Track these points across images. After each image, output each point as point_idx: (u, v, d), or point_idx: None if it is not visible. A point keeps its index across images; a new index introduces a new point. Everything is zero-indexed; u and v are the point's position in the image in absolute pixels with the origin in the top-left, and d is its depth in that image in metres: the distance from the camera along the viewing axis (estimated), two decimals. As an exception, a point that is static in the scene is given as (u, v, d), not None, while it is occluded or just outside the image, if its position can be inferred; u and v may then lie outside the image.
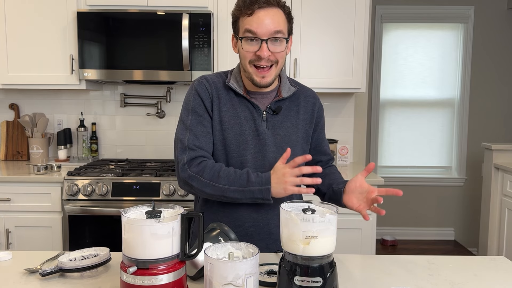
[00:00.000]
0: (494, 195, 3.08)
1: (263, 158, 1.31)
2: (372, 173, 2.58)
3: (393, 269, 1.17)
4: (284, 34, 1.24)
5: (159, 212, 0.92)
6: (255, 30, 1.21)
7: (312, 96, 1.42)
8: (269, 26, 1.20)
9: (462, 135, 4.06)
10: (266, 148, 1.31)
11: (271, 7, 1.21)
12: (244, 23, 1.23)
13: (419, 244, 4.07)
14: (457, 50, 4.02)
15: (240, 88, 1.33)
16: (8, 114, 2.96)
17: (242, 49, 1.26)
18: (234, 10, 1.27)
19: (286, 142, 1.33)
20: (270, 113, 1.33)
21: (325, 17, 2.58)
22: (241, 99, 1.33)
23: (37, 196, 2.34)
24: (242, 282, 0.82)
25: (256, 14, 1.21)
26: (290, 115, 1.36)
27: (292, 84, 1.39)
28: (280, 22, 1.23)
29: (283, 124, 1.34)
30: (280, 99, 1.34)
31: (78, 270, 1.08)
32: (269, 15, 1.21)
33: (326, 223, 0.86)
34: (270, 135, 1.32)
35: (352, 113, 3.00)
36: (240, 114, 1.31)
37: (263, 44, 1.21)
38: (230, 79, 1.34)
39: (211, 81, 1.34)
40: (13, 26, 2.54)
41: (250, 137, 1.31)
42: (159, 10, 2.48)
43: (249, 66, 1.26)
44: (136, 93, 2.94)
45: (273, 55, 1.24)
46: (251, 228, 1.32)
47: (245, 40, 1.23)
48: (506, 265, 1.21)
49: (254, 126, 1.31)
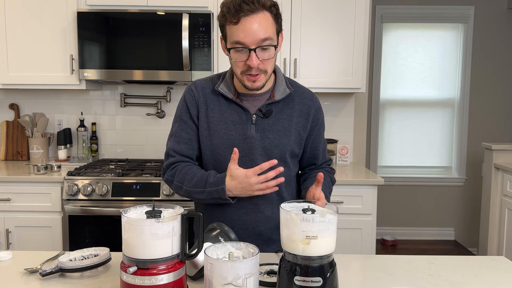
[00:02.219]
0: (494, 195, 3.08)
1: (251, 162, 1.30)
2: (372, 173, 2.58)
3: (393, 269, 1.17)
4: (272, 39, 1.21)
5: (159, 212, 0.92)
6: (242, 41, 1.18)
7: (309, 99, 1.38)
8: (256, 34, 1.17)
9: (462, 135, 4.06)
10: (254, 152, 1.31)
11: (256, 13, 1.17)
12: (231, 32, 1.20)
13: (419, 244, 4.07)
14: (457, 50, 4.02)
15: (230, 92, 1.32)
16: (8, 114, 2.96)
17: (231, 59, 1.25)
18: (219, 16, 1.23)
19: (276, 145, 1.32)
20: (260, 116, 1.31)
21: (325, 17, 2.58)
22: (231, 103, 1.32)
23: (37, 196, 2.34)
24: (242, 282, 0.82)
25: (242, 23, 1.17)
26: (283, 118, 1.33)
27: (288, 85, 1.36)
28: (268, 28, 1.19)
29: (273, 128, 1.32)
30: (272, 101, 1.32)
31: (78, 270, 1.08)
32: (255, 22, 1.17)
33: (326, 223, 0.86)
34: (258, 138, 1.31)
35: (352, 113, 3.00)
36: (228, 118, 1.31)
37: (251, 54, 1.19)
38: (221, 83, 1.33)
39: (199, 87, 1.35)
40: (13, 26, 2.54)
41: (238, 141, 1.30)
42: (159, 10, 2.48)
43: (241, 76, 1.25)
44: (136, 93, 2.94)
45: (262, 63, 1.22)
46: (240, 231, 1.32)
47: (234, 50, 1.21)
48: (506, 265, 1.21)
49: (241, 130, 1.31)
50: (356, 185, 2.39)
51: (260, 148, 1.31)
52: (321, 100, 2.98)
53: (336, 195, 2.37)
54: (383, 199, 4.04)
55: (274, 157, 1.31)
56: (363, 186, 2.39)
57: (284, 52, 2.59)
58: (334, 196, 2.37)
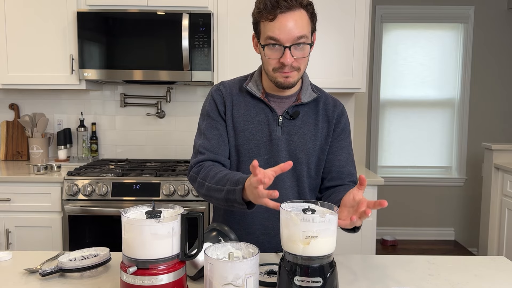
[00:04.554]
0: (494, 195, 3.08)
1: (275, 165, 1.23)
2: (372, 173, 2.58)
3: (393, 269, 1.16)
4: (307, 38, 1.18)
5: (159, 212, 0.92)
6: (277, 37, 1.15)
7: (332, 104, 1.34)
8: (292, 32, 1.15)
9: (462, 135, 4.06)
10: (279, 154, 1.28)
11: (293, 10, 1.15)
12: (266, 28, 1.17)
13: (419, 244, 4.07)
14: (457, 50, 4.02)
15: (259, 91, 1.30)
16: (8, 114, 2.96)
17: (264, 56, 1.21)
18: (254, 12, 1.21)
19: (301, 149, 1.28)
20: (287, 117, 1.28)
21: (325, 17, 2.58)
22: (258, 102, 1.30)
23: (37, 196, 2.34)
24: (242, 282, 0.82)
25: (279, 20, 1.15)
26: (309, 122, 1.30)
27: (314, 90, 1.34)
28: (304, 26, 1.17)
29: (300, 131, 1.29)
30: (298, 103, 1.29)
31: (78, 270, 1.08)
32: (292, 19, 1.15)
33: (326, 223, 0.86)
34: (284, 141, 1.28)
35: (352, 113, 3.00)
36: (254, 118, 1.29)
37: (286, 51, 1.16)
38: (249, 82, 1.32)
39: (227, 87, 1.33)
40: (13, 26, 2.54)
41: (263, 143, 1.28)
42: (159, 10, 2.48)
43: (273, 72, 1.22)
44: (136, 93, 2.94)
45: (296, 61, 1.19)
46: (261, 236, 1.30)
47: (268, 47, 1.18)
48: (506, 265, 1.21)
49: (268, 131, 1.28)
50: (356, 185, 2.39)
51: (285, 150, 1.28)
52: (321, 100, 2.98)
53: (336, 195, 2.37)
54: (383, 199, 4.04)
55: (298, 161, 1.28)
56: (363, 186, 2.38)
57: (284, 52, 2.59)
58: (334, 196, 2.37)
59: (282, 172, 0.98)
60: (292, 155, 1.29)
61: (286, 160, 1.26)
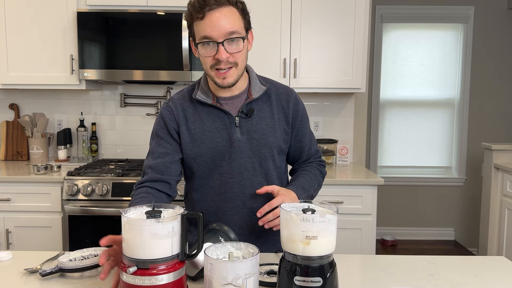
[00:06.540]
0: (494, 195, 3.08)
1: (240, 166, 1.29)
2: (372, 173, 2.58)
3: (393, 269, 1.16)
4: (240, 33, 1.19)
5: (159, 212, 0.92)
6: (209, 34, 1.16)
7: (284, 93, 1.35)
8: (223, 27, 1.16)
9: (462, 135, 4.06)
10: (242, 155, 1.29)
11: (222, 7, 1.16)
12: (199, 28, 1.18)
13: (419, 244, 4.07)
14: (457, 50, 4.02)
15: (209, 98, 1.29)
16: (8, 114, 2.96)
17: (200, 55, 1.23)
18: (186, 16, 1.22)
19: (263, 145, 1.30)
20: (243, 117, 1.29)
21: (325, 17, 2.58)
22: (211, 109, 1.29)
23: (37, 196, 2.34)
24: (242, 282, 0.82)
25: (208, 17, 1.16)
26: (265, 116, 1.31)
27: (262, 82, 1.34)
28: (235, 21, 1.18)
29: (258, 127, 1.30)
30: (251, 100, 1.29)
31: (78, 270, 1.08)
32: (221, 16, 1.16)
33: (326, 223, 0.86)
34: (244, 141, 1.29)
35: (352, 113, 3.00)
36: (211, 126, 1.29)
37: (219, 47, 1.17)
38: (197, 91, 1.31)
39: (177, 101, 1.32)
40: (13, 26, 2.54)
41: (225, 148, 1.28)
42: (159, 10, 2.48)
43: (210, 71, 1.23)
44: (136, 93, 2.94)
45: (232, 56, 1.19)
46: (238, 236, 1.31)
47: (201, 45, 1.19)
48: (506, 265, 1.21)
49: (227, 135, 1.28)
50: (356, 185, 2.39)
51: (248, 150, 1.29)
52: (321, 100, 2.98)
53: (336, 195, 2.37)
54: (383, 199, 4.04)
55: (263, 156, 1.30)
56: (363, 186, 2.39)
57: (284, 52, 2.59)
58: (334, 196, 2.37)
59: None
60: (255, 153, 1.30)
61: (250, 158, 1.30)
